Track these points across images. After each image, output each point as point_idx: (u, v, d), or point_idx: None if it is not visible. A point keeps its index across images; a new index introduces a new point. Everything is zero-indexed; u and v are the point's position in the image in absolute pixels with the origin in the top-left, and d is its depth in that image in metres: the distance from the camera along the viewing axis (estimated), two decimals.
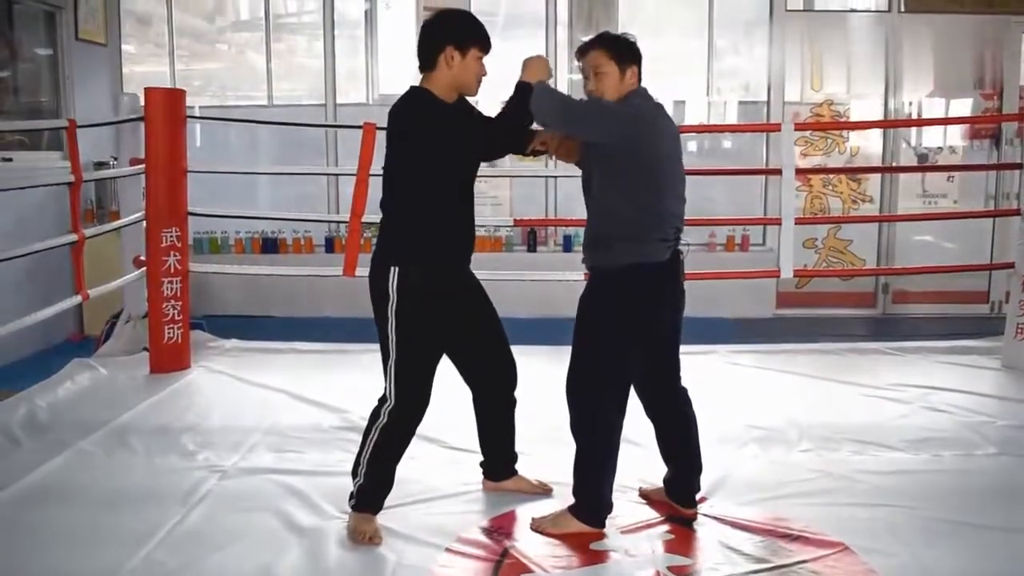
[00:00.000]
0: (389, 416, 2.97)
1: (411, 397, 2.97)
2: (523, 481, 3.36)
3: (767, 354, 5.41)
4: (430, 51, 2.94)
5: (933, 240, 7.21)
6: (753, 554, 2.86)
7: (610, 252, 2.91)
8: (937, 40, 7.24)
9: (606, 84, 2.93)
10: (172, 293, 5.05)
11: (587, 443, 2.96)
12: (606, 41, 2.97)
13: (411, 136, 2.90)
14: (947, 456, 3.71)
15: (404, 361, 2.94)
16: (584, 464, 2.98)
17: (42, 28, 6.59)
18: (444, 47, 2.91)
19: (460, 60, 2.92)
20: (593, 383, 2.94)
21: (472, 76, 2.96)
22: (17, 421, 4.10)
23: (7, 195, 5.29)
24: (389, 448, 3.01)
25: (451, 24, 2.96)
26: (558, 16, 7.21)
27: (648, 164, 2.85)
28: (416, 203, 2.92)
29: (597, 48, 2.95)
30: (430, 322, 2.96)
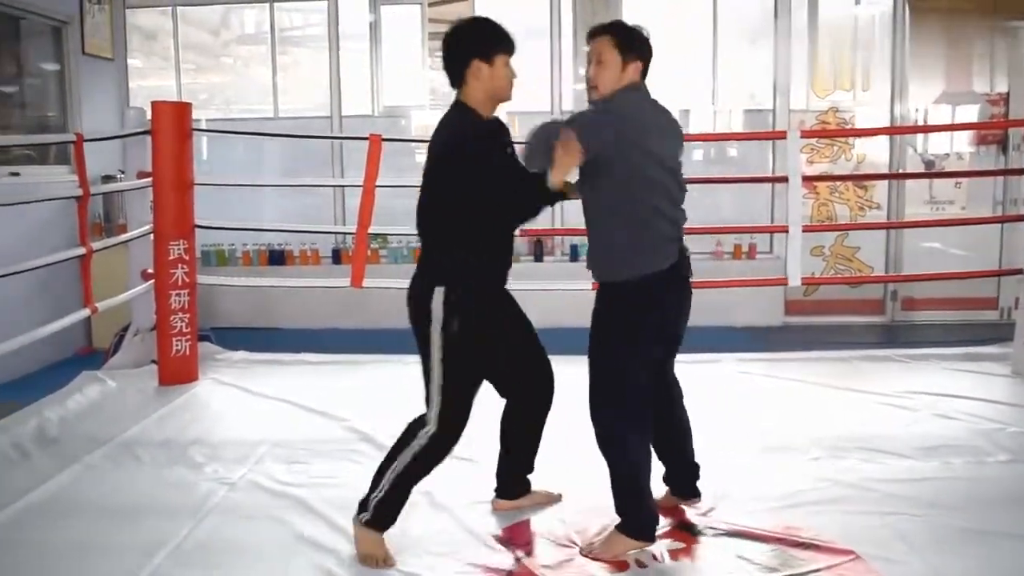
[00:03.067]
0: (429, 440, 2.87)
1: (454, 422, 2.88)
2: (537, 496, 3.33)
3: (776, 362, 5.39)
4: (457, 69, 2.87)
5: (941, 246, 7.18)
6: (764, 563, 2.84)
7: (616, 266, 2.89)
8: (943, 46, 7.23)
9: (605, 74, 2.89)
10: (180, 306, 5.06)
11: (619, 458, 2.91)
12: (616, 29, 2.92)
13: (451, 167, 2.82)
14: (958, 463, 3.69)
15: (452, 383, 2.85)
16: (621, 481, 2.93)
17: (49, 43, 6.63)
18: (470, 61, 2.84)
19: (489, 70, 2.85)
20: (616, 397, 2.90)
21: (505, 83, 2.90)
22: (27, 434, 4.11)
23: (15, 209, 5.31)
24: (421, 471, 2.92)
25: (471, 36, 2.90)
26: (563, 25, 7.23)
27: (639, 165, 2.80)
28: (461, 225, 2.83)
29: (605, 35, 2.91)
30: (478, 344, 2.88)
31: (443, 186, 2.85)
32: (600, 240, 2.93)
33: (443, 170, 2.84)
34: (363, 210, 5.06)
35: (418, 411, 3.26)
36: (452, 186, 2.81)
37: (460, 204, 2.81)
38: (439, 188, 2.86)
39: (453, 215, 2.84)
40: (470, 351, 2.87)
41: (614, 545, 2.92)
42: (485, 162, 2.81)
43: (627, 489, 2.93)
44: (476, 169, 2.79)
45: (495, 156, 2.87)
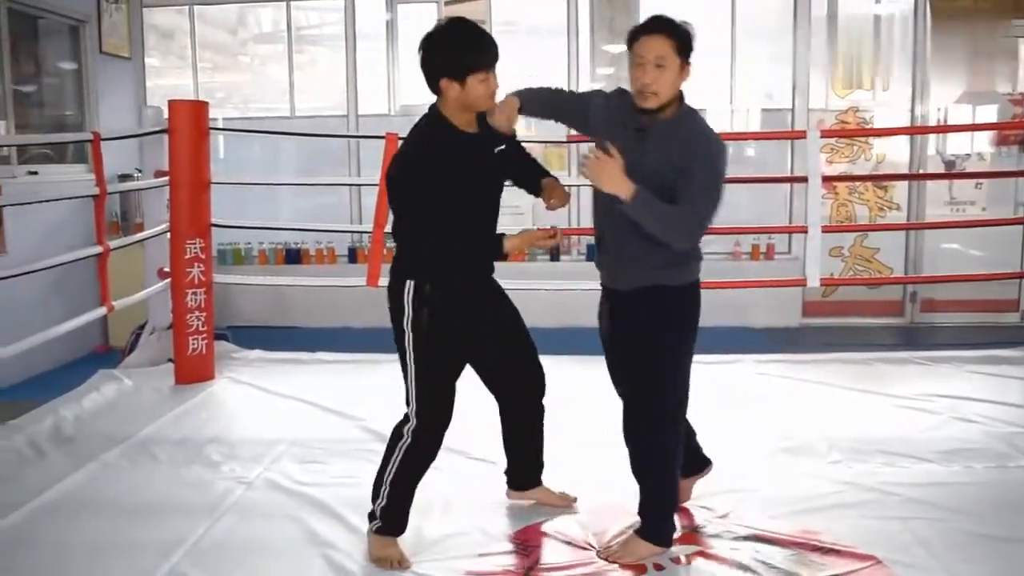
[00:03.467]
0: (412, 436, 2.89)
1: (432, 414, 2.89)
2: (548, 493, 3.32)
3: (794, 364, 5.35)
4: (429, 81, 2.78)
5: (961, 248, 7.12)
6: (783, 568, 2.81)
7: (677, 270, 2.79)
8: (964, 45, 7.17)
9: (664, 80, 2.65)
10: (196, 304, 5.06)
11: (657, 475, 2.87)
12: (675, 29, 2.66)
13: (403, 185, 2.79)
14: (979, 468, 3.65)
15: (422, 376, 2.87)
16: (656, 494, 2.90)
17: (67, 42, 6.65)
18: (439, 79, 2.74)
19: (460, 89, 2.73)
20: (659, 416, 2.84)
21: (478, 99, 2.76)
22: (43, 432, 4.12)
23: (33, 208, 5.33)
24: (412, 468, 2.93)
25: (441, 52, 2.75)
26: (579, 24, 7.20)
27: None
28: (423, 225, 2.80)
29: (663, 35, 2.65)
30: (447, 336, 2.88)
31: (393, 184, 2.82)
32: (649, 246, 2.71)
33: (393, 169, 2.81)
34: (379, 209, 5.05)
35: None
36: (398, 185, 2.80)
37: (408, 201, 2.81)
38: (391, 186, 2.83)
39: (406, 211, 2.84)
40: (439, 344, 2.87)
41: (633, 549, 2.89)
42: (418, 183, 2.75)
43: (659, 501, 2.90)
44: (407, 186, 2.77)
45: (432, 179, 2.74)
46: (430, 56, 2.76)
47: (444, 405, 2.92)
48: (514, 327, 3.11)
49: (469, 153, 2.81)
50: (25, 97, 6.24)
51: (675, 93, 2.72)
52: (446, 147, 2.78)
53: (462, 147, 2.81)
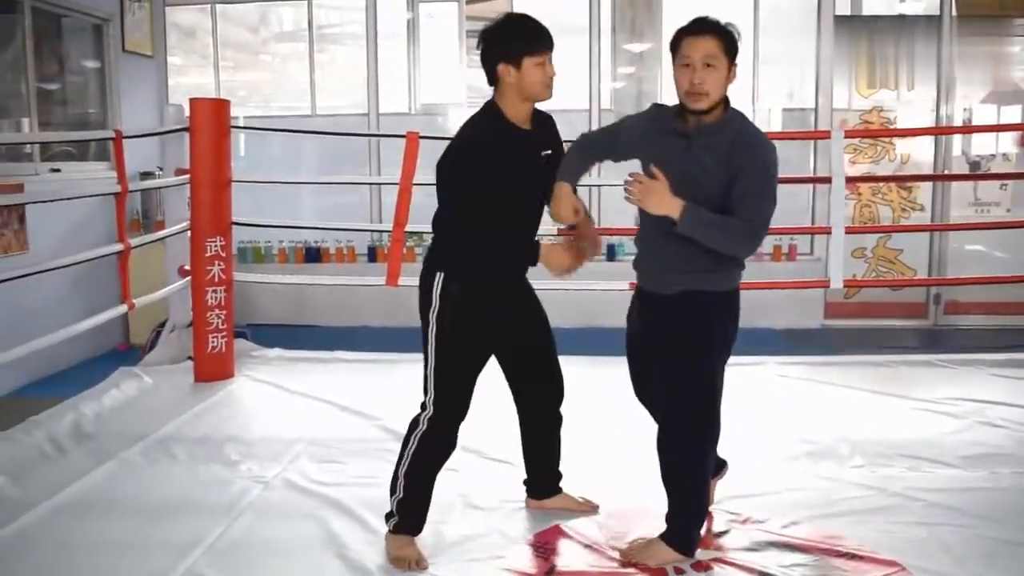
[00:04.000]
0: (429, 424, 2.89)
1: (449, 405, 2.89)
2: (568, 499, 3.28)
3: (817, 366, 5.30)
4: (488, 70, 2.83)
5: (985, 249, 7.04)
6: (806, 573, 2.78)
7: (717, 275, 2.75)
8: (989, 45, 7.09)
9: (714, 80, 2.63)
10: (216, 302, 5.07)
11: (688, 482, 2.84)
12: (720, 29, 2.66)
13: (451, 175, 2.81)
14: (1005, 473, 3.59)
15: (442, 368, 2.87)
16: (685, 501, 2.86)
17: (90, 40, 6.68)
18: (496, 65, 2.79)
19: (516, 73, 2.77)
20: (691, 422, 2.80)
21: (536, 85, 2.80)
22: (63, 429, 4.13)
23: (55, 205, 5.35)
24: (428, 458, 2.92)
25: (496, 38, 2.82)
26: (601, 24, 7.17)
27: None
28: (464, 219, 2.81)
29: (711, 35, 2.65)
30: (472, 331, 2.88)
31: (442, 174, 2.84)
32: (689, 250, 2.67)
33: (443, 160, 2.83)
34: (399, 208, 5.04)
35: None
36: (447, 175, 2.82)
37: (455, 194, 2.82)
38: (439, 176, 2.85)
39: (451, 204, 2.84)
40: (462, 340, 2.87)
41: (656, 553, 2.86)
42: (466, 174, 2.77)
43: (689, 506, 2.87)
44: (455, 177, 2.79)
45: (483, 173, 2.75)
46: (488, 45, 2.82)
47: (461, 399, 2.91)
48: (539, 331, 3.10)
49: (520, 150, 2.83)
50: (48, 95, 6.27)
51: (723, 94, 2.69)
52: (498, 142, 2.80)
53: (514, 143, 2.83)
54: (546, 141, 2.94)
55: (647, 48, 7.37)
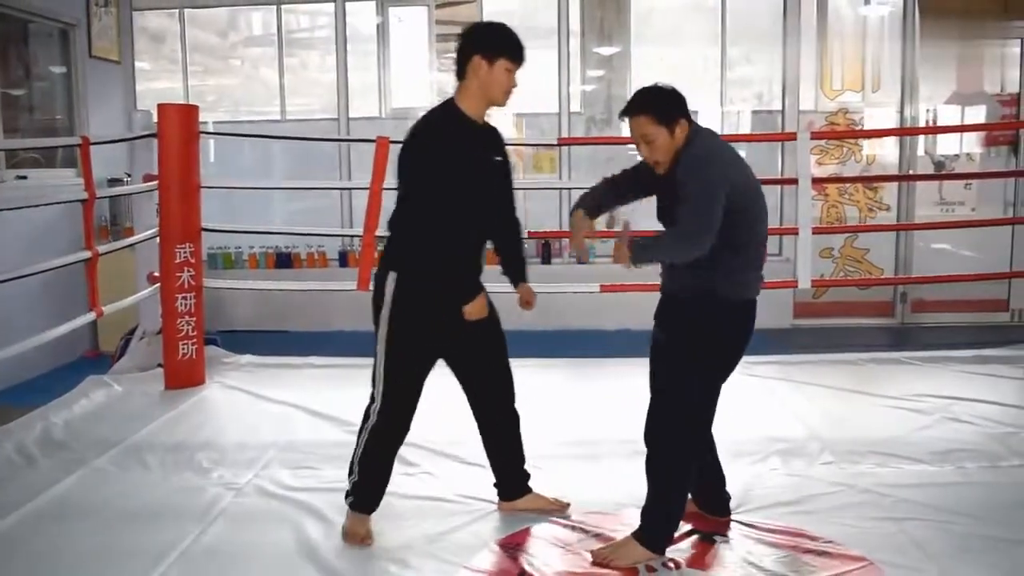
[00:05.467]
0: (378, 416, 3.01)
1: (396, 401, 3.00)
2: (539, 499, 3.30)
3: (785, 365, 5.36)
4: (461, 60, 2.95)
5: (951, 248, 7.14)
6: (776, 570, 2.81)
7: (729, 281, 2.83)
8: (954, 46, 7.20)
9: (657, 150, 2.78)
10: (186, 309, 5.04)
11: (666, 481, 2.88)
12: (647, 106, 2.78)
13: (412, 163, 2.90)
14: (972, 468, 3.65)
15: (391, 366, 2.98)
16: (661, 499, 2.89)
17: (56, 46, 6.62)
18: (472, 56, 2.91)
19: (487, 69, 2.90)
20: (679, 423, 2.85)
21: (499, 88, 2.93)
22: (32, 439, 4.09)
23: (22, 213, 5.30)
24: (378, 447, 3.05)
25: (481, 34, 2.97)
26: (570, 27, 7.20)
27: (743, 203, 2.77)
28: (416, 219, 2.90)
29: (639, 115, 2.78)
30: (421, 331, 2.97)
31: (403, 163, 2.93)
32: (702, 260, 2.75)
33: (404, 150, 2.93)
34: (370, 213, 5.04)
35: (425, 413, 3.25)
36: (401, 173, 2.93)
37: (406, 192, 2.92)
38: (400, 166, 2.94)
39: (403, 202, 2.94)
40: (412, 340, 2.97)
41: (628, 553, 2.88)
42: (425, 159, 2.87)
43: (664, 505, 2.89)
44: (416, 163, 2.89)
45: (444, 159, 2.86)
46: (470, 37, 2.95)
47: (408, 396, 3.02)
48: (491, 332, 3.16)
49: (475, 145, 2.96)
50: (14, 101, 6.21)
51: (675, 151, 2.79)
52: (456, 131, 2.92)
53: (470, 137, 2.95)
54: (495, 147, 3.08)
55: (616, 51, 7.42)
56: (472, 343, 3.10)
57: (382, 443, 3.05)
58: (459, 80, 2.97)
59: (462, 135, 2.93)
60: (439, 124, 2.94)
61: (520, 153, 7.37)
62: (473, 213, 2.96)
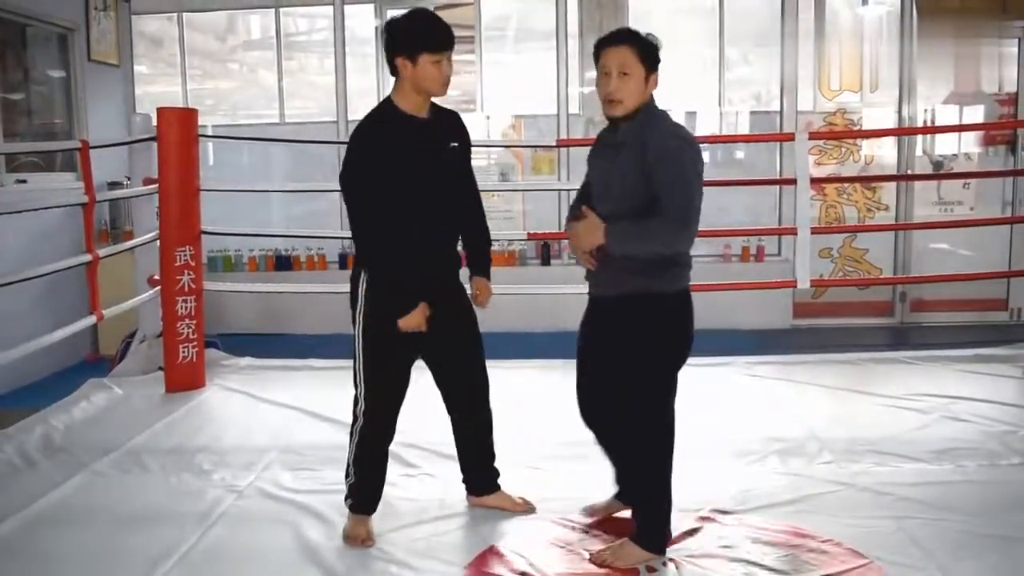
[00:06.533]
0: (363, 416, 3.04)
1: (378, 400, 3.03)
2: (505, 498, 3.31)
3: (785, 365, 5.36)
4: (388, 61, 2.92)
5: (950, 248, 7.15)
6: (776, 568, 2.81)
7: (662, 275, 2.77)
8: (951, 46, 7.21)
9: (630, 87, 2.71)
10: (186, 312, 5.05)
11: (652, 483, 2.89)
12: (635, 38, 2.73)
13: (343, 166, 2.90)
14: (971, 467, 3.65)
15: (369, 366, 3.01)
16: (652, 502, 2.90)
17: (55, 50, 6.64)
18: (395, 58, 2.88)
19: (412, 68, 2.85)
20: (658, 427, 2.86)
21: (430, 82, 2.87)
22: (33, 442, 4.10)
23: (22, 216, 5.31)
24: (369, 447, 3.07)
25: (397, 33, 2.88)
26: (568, 27, 7.21)
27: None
28: (353, 222, 2.91)
29: (625, 44, 2.72)
30: (391, 330, 2.95)
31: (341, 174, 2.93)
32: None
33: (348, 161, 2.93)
34: None
35: (424, 414, 3.26)
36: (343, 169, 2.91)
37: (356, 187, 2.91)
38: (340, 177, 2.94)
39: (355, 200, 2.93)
40: (385, 338, 2.97)
41: (628, 554, 2.88)
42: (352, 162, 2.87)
43: (656, 506, 2.90)
44: (345, 167, 2.88)
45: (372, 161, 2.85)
46: (390, 38, 2.90)
47: (390, 393, 3.04)
48: (466, 330, 3.16)
49: (412, 136, 2.90)
50: (13, 105, 6.22)
51: (642, 102, 2.75)
52: (386, 125, 2.89)
53: (405, 128, 2.90)
54: (449, 133, 3.03)
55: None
56: (446, 342, 3.09)
57: (371, 442, 3.07)
58: (393, 76, 2.93)
59: (395, 133, 2.87)
60: (367, 126, 2.91)
61: (519, 155, 7.38)
62: (414, 210, 2.91)
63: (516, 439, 4.01)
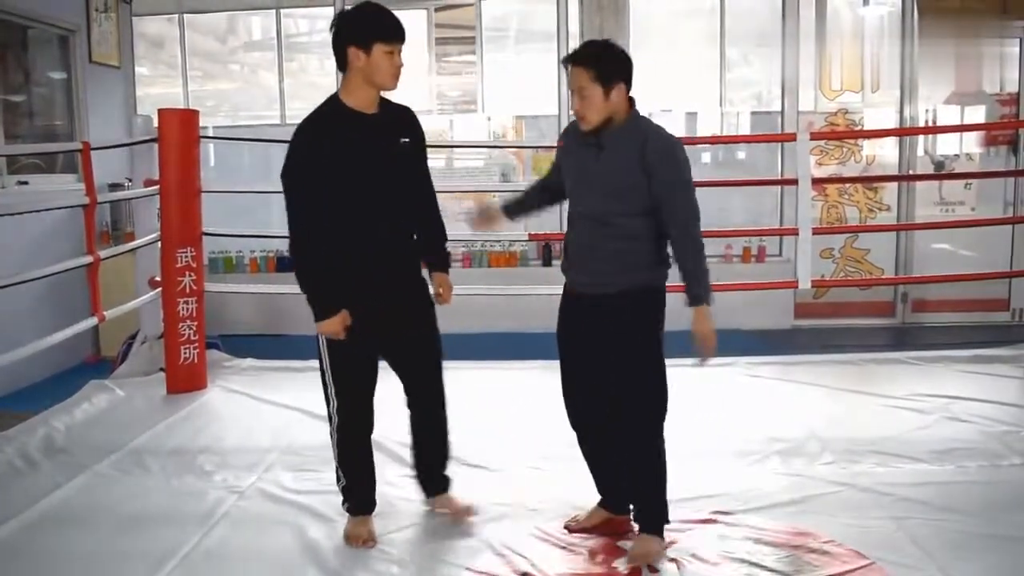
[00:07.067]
0: (336, 415, 3.04)
1: (346, 398, 3.01)
2: (448, 501, 3.28)
3: (786, 365, 5.36)
4: (338, 53, 2.86)
5: (951, 248, 7.15)
6: (777, 569, 2.81)
7: (657, 270, 2.92)
8: (952, 46, 7.21)
9: (589, 106, 2.79)
10: (188, 313, 5.05)
11: (654, 471, 2.96)
12: (587, 58, 2.80)
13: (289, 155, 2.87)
14: (972, 467, 3.66)
15: (331, 364, 3.00)
16: (656, 488, 2.96)
17: (56, 51, 6.64)
18: (346, 48, 2.82)
19: (365, 59, 2.80)
20: (658, 411, 2.94)
21: (382, 74, 2.83)
22: (35, 443, 4.10)
23: (23, 218, 5.31)
24: (350, 446, 3.07)
25: (349, 23, 2.83)
26: (569, 29, 7.21)
27: None
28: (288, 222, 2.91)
29: (580, 65, 2.80)
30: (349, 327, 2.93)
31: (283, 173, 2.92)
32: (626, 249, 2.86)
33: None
34: None
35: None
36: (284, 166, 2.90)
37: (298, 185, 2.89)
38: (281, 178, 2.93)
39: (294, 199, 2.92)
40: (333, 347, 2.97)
41: (651, 547, 2.93)
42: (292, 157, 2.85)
43: (659, 493, 2.96)
44: (284, 166, 2.87)
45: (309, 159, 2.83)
46: (342, 28, 2.84)
47: (356, 391, 3.03)
48: (421, 327, 3.12)
49: (357, 132, 2.86)
50: (15, 107, 6.23)
51: (609, 113, 2.82)
52: (327, 121, 2.85)
53: (349, 123, 2.86)
54: (399, 129, 2.98)
55: None
56: (401, 338, 3.08)
57: (350, 439, 3.07)
58: (341, 72, 2.89)
59: (339, 131, 2.84)
60: (310, 123, 2.86)
61: (520, 155, 7.37)
62: (361, 207, 2.88)
63: (516, 439, 4.02)
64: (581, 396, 3.06)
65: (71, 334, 4.68)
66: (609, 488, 3.16)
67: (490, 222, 3.28)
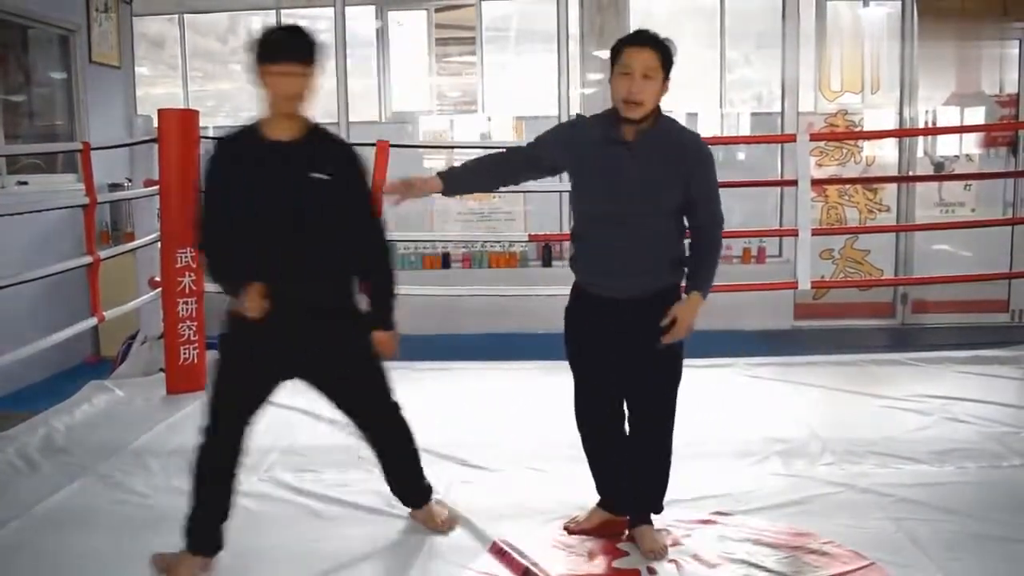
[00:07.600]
0: (202, 436, 2.86)
1: (214, 424, 2.85)
2: (428, 516, 3.19)
3: (786, 366, 5.36)
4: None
5: (951, 249, 7.16)
6: (777, 570, 2.81)
7: (681, 269, 2.93)
8: (952, 48, 7.21)
9: (650, 91, 2.72)
10: (188, 313, 5.05)
11: (666, 464, 3.03)
12: (659, 43, 2.76)
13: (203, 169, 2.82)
14: (972, 468, 3.66)
15: (213, 387, 2.87)
16: (662, 479, 3.04)
17: (56, 52, 6.64)
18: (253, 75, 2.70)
19: (261, 83, 2.67)
20: (673, 410, 2.99)
21: (272, 96, 2.68)
22: (35, 444, 4.10)
23: (23, 218, 5.31)
24: (202, 472, 2.85)
25: (251, 50, 2.69)
26: (569, 29, 7.21)
27: None
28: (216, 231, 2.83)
29: (650, 48, 2.74)
30: (230, 357, 2.88)
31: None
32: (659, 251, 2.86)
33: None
34: None
35: (423, 416, 3.25)
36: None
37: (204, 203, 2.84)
38: None
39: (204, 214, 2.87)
40: (224, 363, 2.89)
41: (656, 538, 3.00)
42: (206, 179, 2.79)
43: (664, 481, 3.04)
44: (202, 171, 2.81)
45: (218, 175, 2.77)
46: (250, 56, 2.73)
47: (226, 421, 2.86)
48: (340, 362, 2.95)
49: (261, 158, 2.72)
50: (15, 107, 6.23)
51: (657, 105, 2.79)
52: (234, 143, 2.79)
53: (253, 149, 2.73)
54: (318, 163, 2.76)
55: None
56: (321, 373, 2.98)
57: (204, 467, 2.84)
58: None
59: (242, 158, 2.73)
60: (217, 144, 2.81)
61: None
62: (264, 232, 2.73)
63: (516, 439, 4.02)
64: (599, 398, 3.05)
65: (71, 334, 4.68)
66: (609, 489, 3.16)
67: (408, 190, 3.01)
